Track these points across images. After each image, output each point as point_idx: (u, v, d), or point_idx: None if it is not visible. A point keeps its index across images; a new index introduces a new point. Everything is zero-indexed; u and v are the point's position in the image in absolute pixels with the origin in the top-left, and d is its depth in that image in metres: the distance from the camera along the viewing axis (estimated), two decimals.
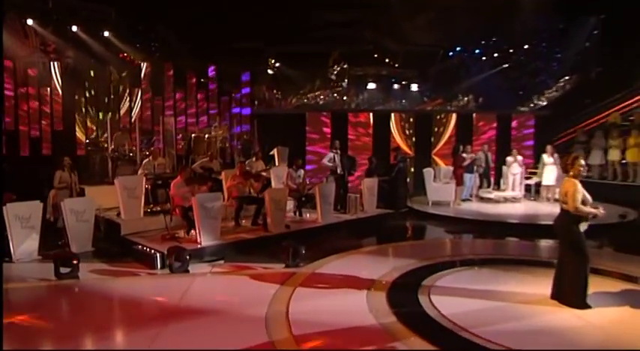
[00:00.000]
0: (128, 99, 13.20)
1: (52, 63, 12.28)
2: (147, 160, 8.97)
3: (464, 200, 11.44)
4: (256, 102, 14.65)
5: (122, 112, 13.04)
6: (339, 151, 9.84)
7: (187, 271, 6.23)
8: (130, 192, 7.83)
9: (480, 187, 12.12)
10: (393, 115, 14.49)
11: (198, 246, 6.98)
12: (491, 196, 11.80)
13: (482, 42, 16.73)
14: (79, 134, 11.73)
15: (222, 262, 6.76)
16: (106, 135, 12.01)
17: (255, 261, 6.66)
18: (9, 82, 11.98)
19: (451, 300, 4.97)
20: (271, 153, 11.94)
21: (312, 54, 16.20)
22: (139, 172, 8.64)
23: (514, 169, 11.89)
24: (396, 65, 18.24)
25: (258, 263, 6.58)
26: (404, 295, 5.23)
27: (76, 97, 12.60)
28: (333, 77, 17.50)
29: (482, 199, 11.73)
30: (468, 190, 11.63)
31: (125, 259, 6.82)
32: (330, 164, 9.78)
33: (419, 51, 17.13)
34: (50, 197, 8.06)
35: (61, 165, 7.98)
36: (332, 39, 16.28)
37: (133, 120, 12.97)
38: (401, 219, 10.15)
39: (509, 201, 11.61)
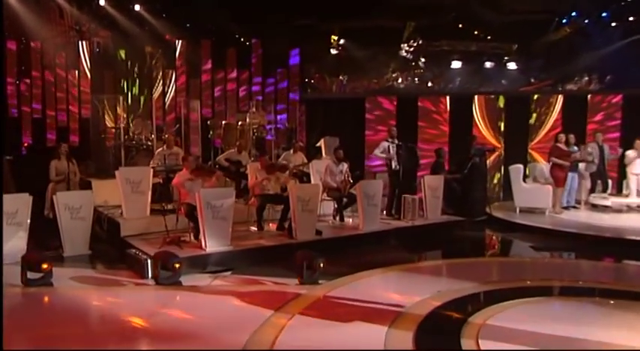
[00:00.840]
0: (161, 82, 13.37)
1: (80, 42, 12.72)
2: (160, 149, 8.80)
3: (566, 208, 10.15)
4: (307, 85, 14.25)
5: (155, 96, 13.25)
6: (395, 141, 9.06)
7: (179, 283, 5.85)
8: (134, 186, 7.67)
9: (592, 190, 10.68)
10: (476, 98, 13.36)
11: (203, 252, 6.60)
12: (608, 202, 10.34)
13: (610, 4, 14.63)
14: (109, 122, 11.97)
15: (228, 273, 6.34)
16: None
17: (269, 274, 6.17)
18: (37, 69, 12.60)
19: (511, 349, 4.06)
20: (318, 144, 11.45)
21: (382, 28, 15.37)
22: (151, 163, 8.50)
23: (636, 167, 10.33)
24: (489, 38, 16.79)
25: (272, 277, 6.09)
26: (438, 336, 4.41)
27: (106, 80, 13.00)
28: (408, 55, 16.57)
29: (594, 207, 10.33)
30: (570, 194, 10.30)
31: (119, 265, 6.61)
32: (383, 155, 9.04)
33: (521, 20, 15.50)
34: (49, 191, 8.13)
35: (56, 153, 7.97)
36: (405, 9, 15.34)
37: (166, 105, 13.15)
38: (474, 229, 9.26)
39: (635, 210, 10.10)
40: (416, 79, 15.82)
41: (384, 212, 9.09)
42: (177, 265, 5.71)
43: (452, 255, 7.71)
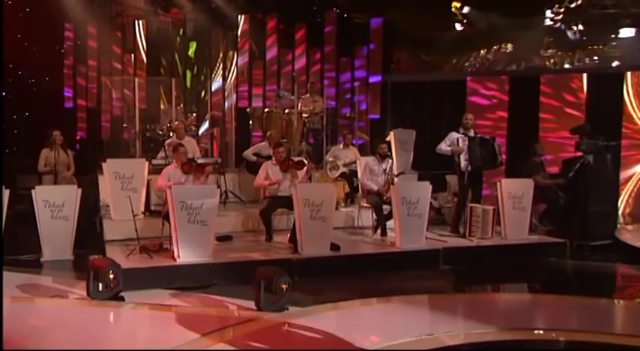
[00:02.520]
0: (221, 64, 13.74)
1: (137, 23, 13.55)
2: (169, 140, 8.94)
3: None
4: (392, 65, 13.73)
5: (215, 81, 13.66)
6: (470, 133, 8.28)
7: (120, 299, 5.80)
8: (125, 182, 7.84)
9: None
10: (629, 75, 11.78)
11: (172, 263, 6.52)
12: None
13: None
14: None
15: (193, 293, 6.16)
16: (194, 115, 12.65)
17: (246, 295, 5.86)
18: (92, 56, 13.66)
19: None
20: (387, 138, 10.86)
21: None
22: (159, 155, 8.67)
23: None
24: None
25: (244, 299, 5.79)
26: None
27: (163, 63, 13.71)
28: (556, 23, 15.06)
29: None
30: None
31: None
32: (449, 150, 8.28)
33: None
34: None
35: (48, 141, 8.40)
36: None
37: (227, 93, 13.47)
38: (585, 257, 8.13)
39: None
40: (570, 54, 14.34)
41: (450, 228, 8.42)
42: (111, 277, 5.63)
43: (540, 289, 7.17)
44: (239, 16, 13.37)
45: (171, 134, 9.49)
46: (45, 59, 12.68)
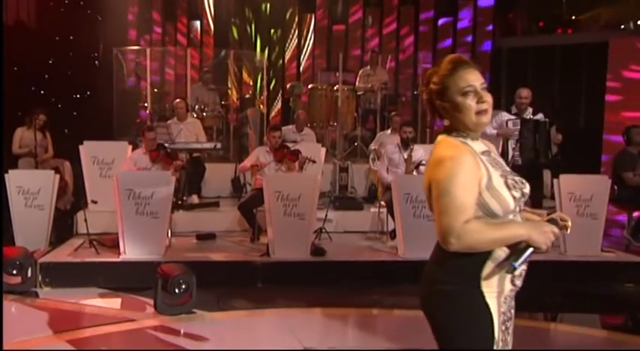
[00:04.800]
0: (296, 31, 14.46)
1: None
2: (170, 121, 9.78)
3: None
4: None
5: (288, 53, 14.44)
6: (525, 114, 8.23)
7: (34, 295, 6.73)
8: (104, 168, 8.82)
9: None
10: None
11: (113, 260, 7.33)
12: None
13: None
14: (233, 93, 13.55)
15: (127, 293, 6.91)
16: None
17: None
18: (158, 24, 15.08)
19: None
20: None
21: None
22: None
23: None
24: None
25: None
26: None
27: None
28: None
29: None
30: None
31: None
32: (494, 133, 8.26)
33: None
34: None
35: (28, 120, 9.56)
36: None
37: (302, 65, 14.19)
38: None
39: None
40: None
41: None
42: (13, 271, 6.56)
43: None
44: None
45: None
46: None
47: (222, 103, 11.36)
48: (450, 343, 2.64)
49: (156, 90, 11.66)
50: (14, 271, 6.72)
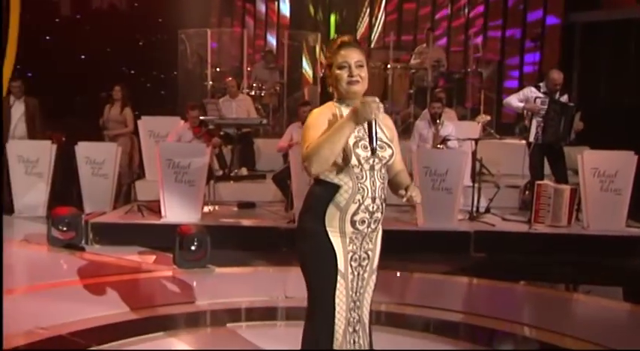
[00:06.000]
0: (368, 9, 14.88)
1: None
2: (222, 98, 10.50)
3: None
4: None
5: (359, 33, 14.92)
6: (557, 94, 8.40)
7: (80, 249, 7.65)
8: (159, 141, 9.59)
9: None
10: None
11: (154, 222, 8.16)
12: None
13: None
14: (307, 74, 14.23)
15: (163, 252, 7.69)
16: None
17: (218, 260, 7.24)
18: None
19: None
20: None
21: None
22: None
23: None
24: None
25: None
26: None
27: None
28: None
29: None
30: None
31: None
32: (520, 106, 8.52)
33: None
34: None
35: (110, 97, 10.45)
36: None
37: (371, 44, 14.63)
38: None
39: None
40: None
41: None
42: (63, 227, 7.49)
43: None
44: None
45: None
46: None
47: (280, 81, 11.95)
48: (304, 269, 3.25)
49: (218, 69, 12.30)
50: (64, 228, 7.65)
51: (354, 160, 3.09)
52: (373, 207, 3.18)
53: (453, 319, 5.69)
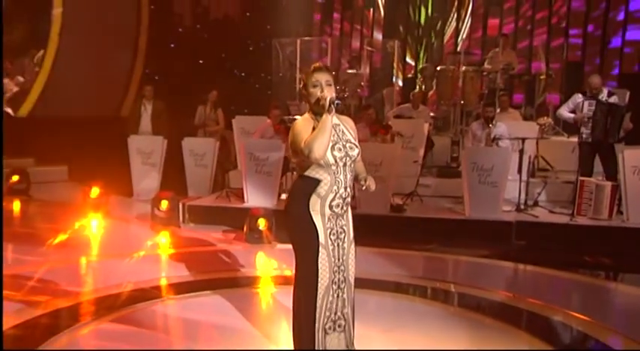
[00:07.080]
0: (456, 14, 15.76)
1: None
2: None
3: None
4: None
5: (446, 36, 15.86)
6: (602, 96, 9.00)
7: (174, 225, 9.21)
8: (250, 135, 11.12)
9: None
10: None
11: (237, 206, 9.58)
12: None
13: None
14: (398, 71, 15.40)
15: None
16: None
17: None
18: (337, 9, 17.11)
19: None
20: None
21: None
22: None
23: None
24: None
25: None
26: None
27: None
28: None
29: None
30: None
31: None
32: (571, 116, 9.16)
33: None
34: None
35: (204, 98, 12.12)
36: None
37: (458, 48, 15.45)
38: None
39: None
40: None
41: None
42: (164, 206, 9.08)
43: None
44: None
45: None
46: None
47: (362, 84, 13.12)
48: (293, 244, 4.23)
49: None
50: (164, 209, 9.22)
51: (331, 160, 4.05)
52: (345, 194, 4.13)
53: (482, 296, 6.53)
